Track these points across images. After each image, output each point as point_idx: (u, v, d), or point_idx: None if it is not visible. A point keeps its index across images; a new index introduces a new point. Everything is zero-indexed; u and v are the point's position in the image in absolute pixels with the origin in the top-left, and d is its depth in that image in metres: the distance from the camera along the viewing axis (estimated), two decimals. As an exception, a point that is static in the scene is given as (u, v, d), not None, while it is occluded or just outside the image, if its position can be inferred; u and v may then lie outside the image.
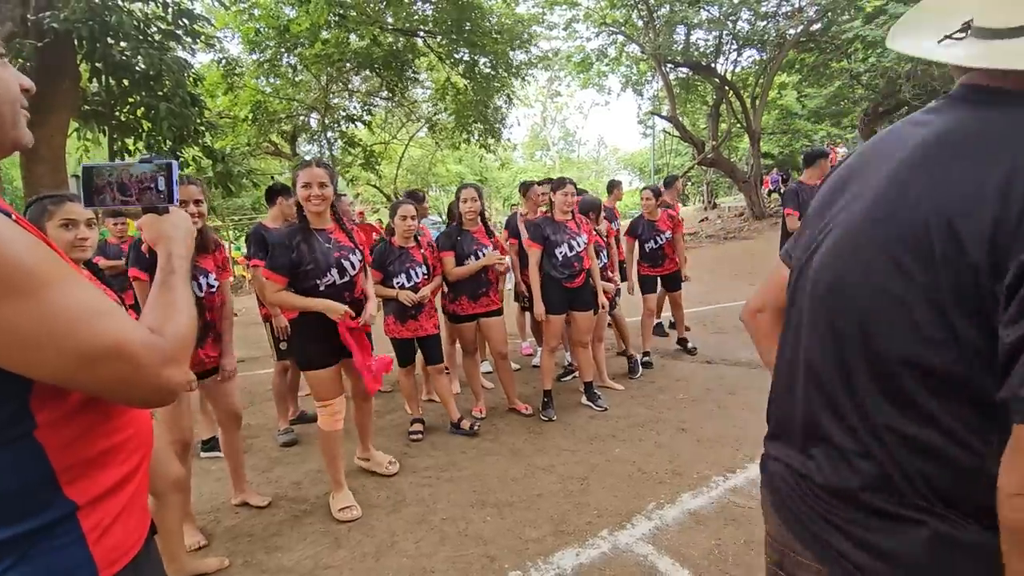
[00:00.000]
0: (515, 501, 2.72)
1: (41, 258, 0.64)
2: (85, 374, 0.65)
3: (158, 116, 6.49)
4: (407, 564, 2.28)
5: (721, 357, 5.06)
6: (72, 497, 0.71)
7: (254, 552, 2.44)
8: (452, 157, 23.89)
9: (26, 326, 0.60)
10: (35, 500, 0.69)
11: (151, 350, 0.70)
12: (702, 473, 2.88)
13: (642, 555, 2.23)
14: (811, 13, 13.73)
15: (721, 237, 15.68)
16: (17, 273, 0.60)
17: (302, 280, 2.55)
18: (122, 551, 0.77)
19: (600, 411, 3.85)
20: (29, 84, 0.79)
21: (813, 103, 18.54)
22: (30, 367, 0.63)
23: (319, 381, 2.67)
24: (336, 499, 2.74)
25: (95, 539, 0.73)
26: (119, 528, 0.77)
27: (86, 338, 0.64)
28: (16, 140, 0.76)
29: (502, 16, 12.90)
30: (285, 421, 3.82)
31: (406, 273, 3.42)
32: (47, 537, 0.69)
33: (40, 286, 0.62)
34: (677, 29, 15.11)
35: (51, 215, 1.84)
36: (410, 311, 3.43)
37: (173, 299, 0.82)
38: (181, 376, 0.76)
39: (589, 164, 41.83)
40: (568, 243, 3.71)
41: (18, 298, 0.60)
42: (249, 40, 11.48)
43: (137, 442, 0.83)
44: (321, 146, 14.68)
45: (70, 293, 0.64)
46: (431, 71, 14.70)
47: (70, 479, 0.71)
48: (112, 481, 0.76)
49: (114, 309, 0.69)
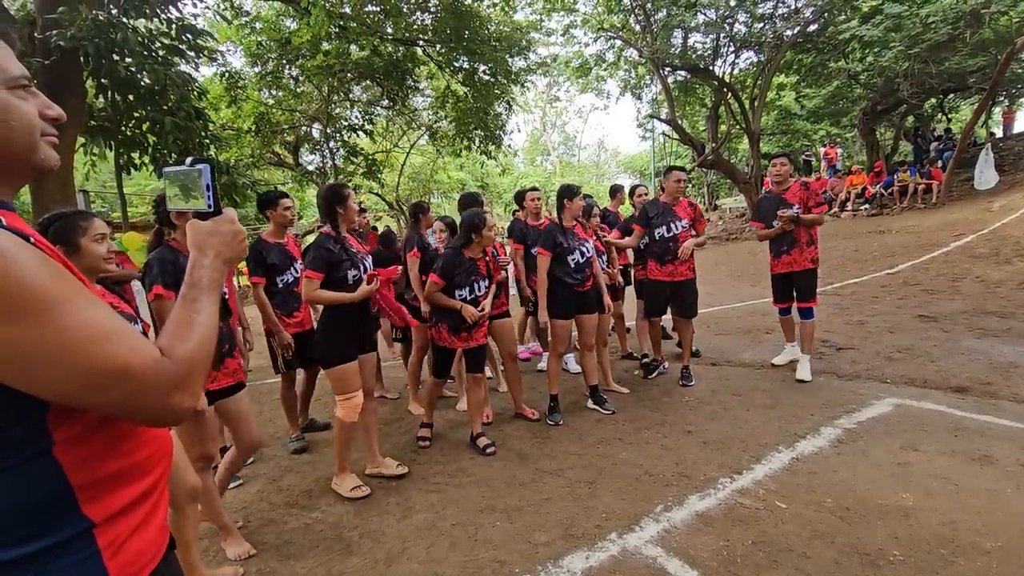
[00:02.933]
0: (524, 506, 2.75)
1: (52, 279, 0.64)
2: (92, 395, 0.66)
3: (163, 130, 6.58)
4: (419, 570, 2.30)
5: (725, 359, 5.09)
6: (89, 515, 0.72)
7: (267, 560, 2.47)
8: (453, 164, 23.98)
9: (36, 347, 0.62)
10: (53, 518, 0.70)
11: (158, 374, 0.69)
12: (709, 475, 2.90)
13: (651, 557, 2.25)
14: (807, 14, 13.77)
15: (723, 238, 15.69)
16: (27, 295, 0.61)
17: (337, 272, 2.85)
18: (140, 565, 0.78)
19: (608, 414, 3.87)
20: (58, 113, 0.80)
21: (812, 103, 18.55)
22: (40, 387, 0.64)
23: (345, 374, 2.90)
24: (345, 481, 3.01)
25: (111, 555, 0.74)
26: (136, 543, 0.78)
27: (94, 360, 0.64)
28: (36, 165, 0.77)
29: (500, 24, 13.00)
30: (296, 428, 3.85)
31: (470, 287, 3.37)
32: (64, 554, 0.70)
33: (50, 308, 0.62)
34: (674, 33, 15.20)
35: (85, 231, 1.90)
36: (466, 324, 3.36)
37: (189, 317, 0.79)
38: (190, 401, 0.74)
39: (589, 168, 41.86)
40: (579, 249, 3.77)
41: (28, 320, 0.61)
42: (251, 53, 11.60)
43: (156, 459, 0.84)
44: (324, 156, 14.78)
45: (80, 314, 0.65)
46: (431, 79, 14.80)
47: (88, 497, 0.72)
48: (130, 498, 0.77)
49: (123, 330, 0.68)
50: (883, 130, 18.91)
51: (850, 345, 5.05)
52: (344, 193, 2.97)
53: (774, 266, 4.47)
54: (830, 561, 2.13)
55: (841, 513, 2.44)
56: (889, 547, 2.17)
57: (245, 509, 2.96)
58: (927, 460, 2.84)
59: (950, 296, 6.44)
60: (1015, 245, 7.85)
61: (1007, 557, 2.05)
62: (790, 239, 4.29)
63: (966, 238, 8.88)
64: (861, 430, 3.27)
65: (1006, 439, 2.99)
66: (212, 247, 0.88)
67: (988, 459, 2.79)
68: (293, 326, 3.67)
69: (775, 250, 4.43)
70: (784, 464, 2.94)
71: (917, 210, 12.20)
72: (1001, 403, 3.49)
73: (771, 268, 4.51)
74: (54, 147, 0.81)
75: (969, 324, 5.26)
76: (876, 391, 3.89)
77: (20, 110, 0.74)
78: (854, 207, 13.82)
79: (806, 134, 21.24)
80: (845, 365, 4.53)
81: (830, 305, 6.75)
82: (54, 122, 0.80)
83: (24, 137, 0.74)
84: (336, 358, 2.89)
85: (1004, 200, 10.41)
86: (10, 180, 0.76)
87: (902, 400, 3.67)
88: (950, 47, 11.55)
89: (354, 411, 2.93)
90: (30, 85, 0.77)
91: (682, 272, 4.32)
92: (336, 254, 2.88)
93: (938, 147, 14.34)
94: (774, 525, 2.39)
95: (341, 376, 2.90)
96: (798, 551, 2.20)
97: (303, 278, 2.90)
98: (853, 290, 7.58)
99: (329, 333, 2.93)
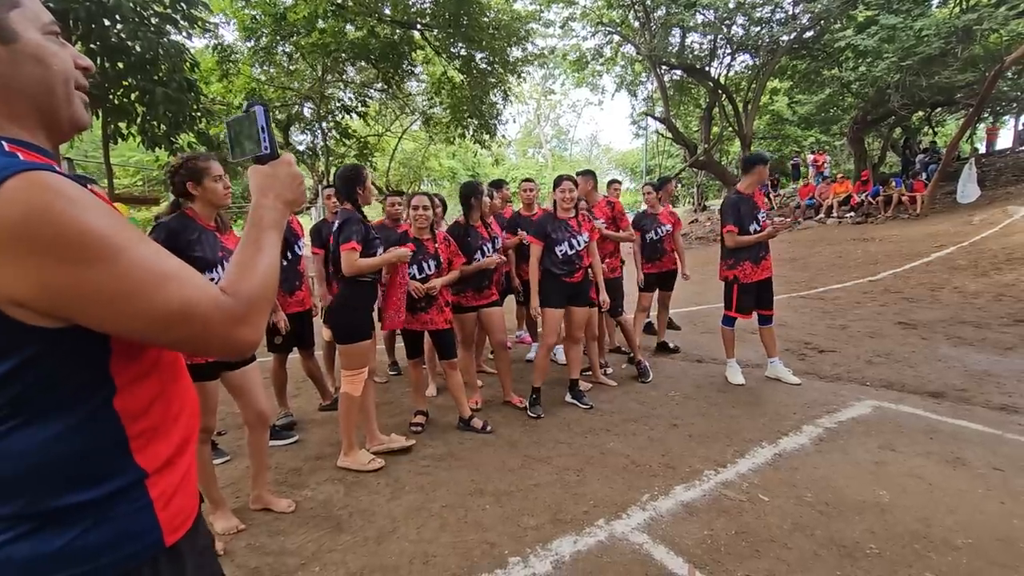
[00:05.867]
0: (513, 490, 2.79)
1: (116, 224, 0.66)
2: (161, 333, 0.69)
3: (154, 100, 6.44)
4: (409, 548, 2.33)
5: (711, 356, 5.17)
6: (142, 464, 0.75)
7: (256, 536, 2.47)
8: (445, 152, 23.82)
9: (107, 289, 0.64)
10: (111, 465, 0.73)
11: (221, 311, 0.72)
12: (694, 467, 2.96)
13: (637, 544, 2.30)
14: (804, 20, 13.92)
15: (711, 239, 15.87)
16: (95, 240, 0.63)
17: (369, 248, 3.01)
18: (183, 517, 0.82)
19: (585, 408, 3.90)
20: (87, 63, 0.79)
21: (804, 109, 18.79)
22: (110, 326, 0.67)
23: (361, 350, 3.02)
24: (358, 456, 3.11)
25: (162, 506, 0.77)
26: (180, 496, 0.81)
27: (161, 300, 0.67)
28: (72, 119, 0.77)
29: (500, 12, 12.91)
30: (285, 407, 3.85)
31: (418, 265, 3.46)
32: (123, 500, 0.73)
33: (117, 251, 0.65)
34: (673, 31, 15.25)
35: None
36: (419, 303, 3.45)
37: (248, 256, 0.81)
38: (253, 335, 0.77)
39: (581, 163, 41.84)
40: (568, 241, 3.76)
41: (97, 263, 0.64)
42: (244, 27, 11.37)
43: (190, 412, 0.87)
44: (315, 136, 14.57)
45: (145, 258, 0.67)
46: (427, 64, 14.66)
47: (140, 446, 0.75)
48: (171, 450, 0.80)
49: (186, 272, 0.71)
50: (871, 140, 19.23)
51: (832, 348, 5.17)
52: (363, 174, 3.07)
53: (756, 273, 4.20)
54: (810, 552, 2.20)
55: (821, 507, 2.52)
56: (866, 541, 2.26)
57: (234, 485, 2.96)
58: (903, 460, 2.94)
59: (929, 305, 6.62)
60: (993, 258, 8.08)
61: (977, 553, 2.14)
62: (765, 245, 4.20)
63: (947, 249, 9.11)
64: (841, 429, 3.37)
65: (978, 443, 3.10)
66: (272, 189, 0.89)
67: (961, 461, 2.90)
68: (294, 304, 3.66)
69: (754, 258, 4.19)
70: (767, 459, 3.02)
71: (900, 220, 12.46)
72: (975, 409, 3.62)
73: (751, 276, 4.20)
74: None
75: (946, 332, 5.42)
76: (856, 393, 4.00)
77: (58, 55, 0.74)
78: (839, 215, 14.08)
79: (796, 140, 21.52)
80: (827, 367, 4.64)
81: (814, 309, 6.90)
82: (85, 72, 0.79)
83: (63, 85, 0.74)
84: (356, 335, 3.00)
85: (984, 214, 10.69)
86: (50, 133, 0.76)
87: (881, 402, 3.79)
88: (941, 61, 11.77)
89: (359, 384, 3.04)
90: (59, 35, 0.76)
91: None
92: (368, 230, 2.98)
93: (924, 160, 14.64)
94: (757, 517, 2.46)
95: (358, 352, 3.02)
96: (779, 542, 2.27)
97: (343, 250, 2.90)
98: (836, 295, 7.74)
99: (350, 311, 3.02)
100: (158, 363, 0.80)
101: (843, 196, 14.34)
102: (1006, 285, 6.95)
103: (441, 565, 2.21)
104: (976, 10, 11.06)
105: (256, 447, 2.67)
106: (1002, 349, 4.79)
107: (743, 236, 4.17)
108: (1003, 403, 3.66)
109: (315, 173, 15.35)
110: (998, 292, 6.73)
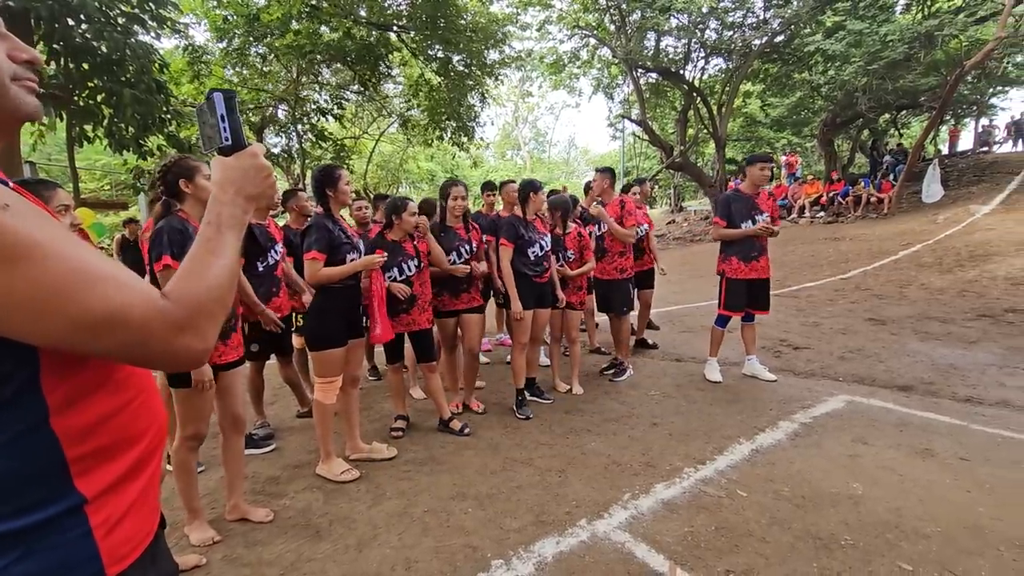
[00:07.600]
0: (495, 493, 2.78)
1: (35, 223, 0.61)
2: (90, 341, 0.63)
3: (121, 102, 6.27)
4: (390, 555, 2.30)
5: (690, 355, 5.24)
6: (82, 490, 0.69)
7: (233, 547, 2.41)
8: (424, 154, 23.71)
9: (23, 292, 0.58)
10: (45, 491, 0.66)
11: (162, 317, 0.66)
12: (674, 465, 3.00)
13: (619, 542, 2.32)
14: (775, 25, 14.24)
15: (687, 239, 16.10)
16: (15, 238, 0.58)
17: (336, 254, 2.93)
18: (132, 545, 0.75)
19: (522, 419, 3.78)
20: (32, 55, 0.73)
21: (776, 112, 19.22)
22: (33, 333, 0.61)
23: (332, 358, 2.93)
24: (332, 465, 3.03)
25: (103, 534, 0.70)
26: (131, 521, 0.74)
27: (84, 304, 0.61)
28: (14, 110, 0.71)
29: (477, 14, 12.91)
30: (262, 416, 3.77)
31: (398, 267, 3.41)
32: (54, 531, 0.66)
33: (34, 252, 0.59)
34: (648, 35, 15.46)
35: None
36: (401, 304, 3.41)
37: (199, 258, 0.74)
38: (200, 344, 0.70)
39: (560, 165, 42.15)
40: (539, 242, 3.84)
41: (20, 263, 0.58)
42: (216, 28, 11.14)
43: (156, 429, 0.81)
44: (290, 139, 14.36)
45: (67, 259, 0.61)
46: (404, 66, 14.58)
47: (82, 470, 0.69)
48: (122, 470, 0.73)
49: (116, 274, 0.64)
50: (841, 142, 19.75)
51: (806, 345, 5.28)
52: (335, 175, 2.92)
53: (742, 271, 4.28)
54: (787, 545, 2.24)
55: (797, 501, 2.57)
56: (840, 532, 2.31)
57: (209, 495, 2.88)
58: (875, 453, 3.02)
59: (898, 301, 6.82)
60: (956, 256, 8.37)
61: (946, 541, 2.21)
62: (759, 246, 4.27)
63: (913, 247, 9.40)
64: (815, 424, 3.44)
65: (946, 434, 3.21)
66: (234, 183, 0.82)
67: (929, 452, 2.99)
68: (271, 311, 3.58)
69: (744, 255, 4.26)
70: (745, 455, 3.07)
71: (869, 219, 12.82)
72: (942, 401, 3.74)
73: (737, 273, 4.29)
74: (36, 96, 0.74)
75: (914, 328, 5.59)
76: (829, 388, 4.10)
77: None
78: (811, 215, 14.42)
79: (769, 142, 21.98)
80: (801, 364, 4.74)
81: (788, 307, 7.04)
82: (29, 65, 0.73)
83: None
84: (326, 342, 2.92)
85: (948, 213, 11.07)
86: None
87: (853, 397, 3.88)
88: (905, 66, 12.17)
89: (332, 392, 2.98)
90: None
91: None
92: (336, 236, 2.88)
93: (891, 161, 15.11)
94: (735, 512, 2.50)
95: (328, 360, 2.94)
96: (757, 536, 2.31)
97: (305, 259, 2.84)
98: (810, 293, 7.92)
99: (322, 317, 2.95)
100: (111, 378, 0.73)
101: (814, 196, 14.71)
102: (969, 281, 7.20)
103: (424, 570, 2.19)
104: (937, 16, 11.47)
105: (231, 454, 2.60)
106: (966, 343, 4.96)
107: (727, 230, 4.32)
108: (968, 395, 3.79)
109: (290, 176, 15.13)
110: (962, 288, 6.97)
